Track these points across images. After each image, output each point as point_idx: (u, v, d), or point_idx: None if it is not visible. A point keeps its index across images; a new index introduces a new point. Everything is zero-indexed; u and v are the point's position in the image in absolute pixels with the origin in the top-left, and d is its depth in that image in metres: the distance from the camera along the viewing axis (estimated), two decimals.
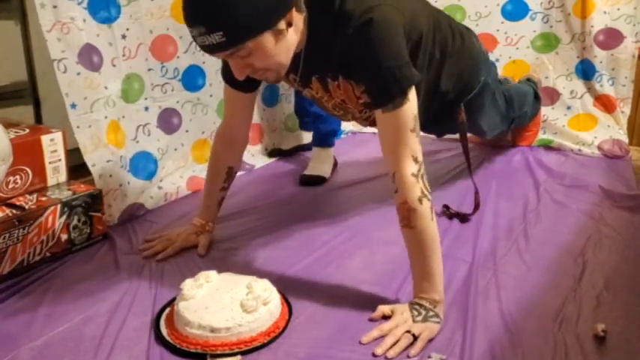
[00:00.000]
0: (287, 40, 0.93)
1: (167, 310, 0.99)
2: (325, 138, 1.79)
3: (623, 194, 1.51)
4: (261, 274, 1.08)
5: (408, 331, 0.91)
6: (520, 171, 1.73)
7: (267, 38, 0.89)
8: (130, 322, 0.98)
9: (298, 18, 0.95)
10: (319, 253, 1.22)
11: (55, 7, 1.21)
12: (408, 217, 0.94)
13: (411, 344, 0.90)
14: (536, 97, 1.86)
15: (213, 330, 0.89)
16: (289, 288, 1.05)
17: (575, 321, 0.96)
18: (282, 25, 0.90)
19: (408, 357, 0.88)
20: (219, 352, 0.88)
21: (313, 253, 1.22)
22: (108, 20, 1.35)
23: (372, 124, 1.26)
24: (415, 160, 0.94)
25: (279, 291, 1.00)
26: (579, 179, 1.64)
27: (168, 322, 0.96)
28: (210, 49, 0.88)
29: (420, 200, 0.93)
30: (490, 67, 1.45)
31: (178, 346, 0.90)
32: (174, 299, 1.00)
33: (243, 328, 0.90)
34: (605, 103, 1.94)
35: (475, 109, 1.39)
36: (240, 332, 0.90)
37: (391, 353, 0.87)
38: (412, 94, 0.95)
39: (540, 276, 1.12)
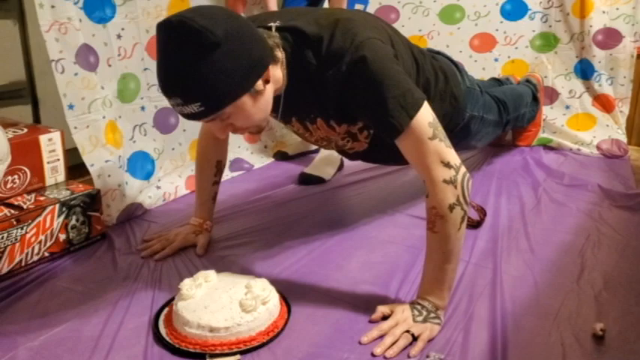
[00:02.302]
0: (265, 97, 0.91)
1: (166, 310, 0.99)
2: None
3: (622, 194, 1.51)
4: (259, 273, 1.08)
5: (407, 331, 0.91)
6: (519, 171, 1.73)
7: (245, 100, 0.87)
8: (129, 322, 0.97)
9: (275, 70, 0.94)
10: (318, 253, 1.22)
11: (52, 7, 1.21)
12: (434, 222, 0.91)
13: (411, 344, 0.90)
14: (535, 99, 1.85)
15: (212, 330, 0.89)
16: (288, 288, 1.05)
17: (574, 320, 0.96)
18: (259, 85, 0.88)
19: (408, 357, 0.87)
20: (218, 351, 0.88)
21: (312, 253, 1.22)
22: (103, 20, 1.35)
23: (354, 158, 1.27)
24: (447, 165, 0.89)
25: (278, 291, 1.00)
26: (578, 179, 1.64)
27: (167, 321, 0.96)
28: (188, 117, 0.88)
29: (451, 208, 0.89)
30: (477, 98, 1.40)
31: (177, 346, 0.90)
32: (172, 299, 1.00)
33: (242, 327, 0.90)
34: (604, 103, 1.95)
35: (461, 137, 1.36)
36: (240, 332, 0.90)
37: (390, 353, 0.87)
38: (422, 107, 0.92)
39: (539, 275, 1.12)
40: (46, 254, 1.19)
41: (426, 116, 0.91)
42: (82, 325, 0.97)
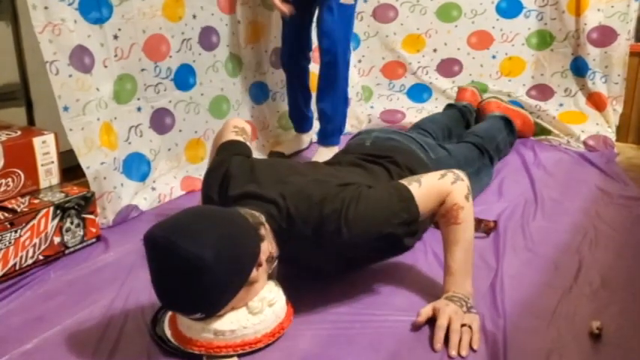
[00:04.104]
0: (259, 280, 0.91)
1: (170, 312, 0.96)
2: (331, 136, 1.78)
3: (619, 192, 1.51)
4: None
5: (463, 324, 0.91)
6: (516, 169, 1.72)
7: (241, 293, 0.88)
8: (125, 324, 0.97)
9: (264, 246, 0.91)
10: None
11: (46, 8, 1.20)
12: (456, 216, 0.99)
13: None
14: (507, 122, 1.80)
15: (216, 333, 0.88)
16: (285, 289, 1.04)
17: (572, 318, 0.96)
18: (253, 275, 0.88)
19: (473, 350, 0.88)
20: (213, 353, 0.87)
21: None
22: (99, 21, 1.34)
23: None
24: (443, 176, 1.02)
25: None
26: (575, 177, 1.64)
27: (172, 323, 0.94)
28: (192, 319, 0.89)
29: (467, 197, 1.01)
30: (448, 162, 1.36)
31: (173, 346, 0.89)
32: None
33: (248, 330, 0.89)
34: (597, 102, 1.95)
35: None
36: (245, 334, 0.89)
37: (464, 353, 0.87)
38: (414, 195, 0.98)
39: (537, 274, 1.12)
40: (41, 257, 1.18)
41: (416, 194, 0.98)
42: (78, 329, 0.96)
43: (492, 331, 0.93)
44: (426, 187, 1.00)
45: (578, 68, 1.97)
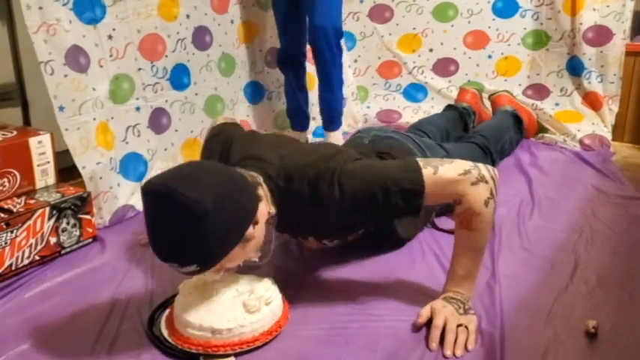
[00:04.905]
0: (255, 238, 0.90)
1: (167, 312, 0.97)
2: (337, 119, 1.82)
3: (615, 191, 1.52)
4: (258, 272, 1.07)
5: (459, 325, 0.91)
6: (512, 169, 1.73)
7: (236, 249, 0.87)
8: (122, 324, 0.97)
9: (262, 206, 0.91)
10: (313, 253, 1.22)
11: (40, 8, 1.20)
12: (469, 221, 0.93)
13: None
14: (517, 120, 1.82)
15: (213, 331, 0.88)
16: (283, 287, 1.04)
17: (568, 317, 0.97)
18: (249, 233, 0.87)
19: (467, 350, 0.88)
20: (210, 352, 0.87)
21: (306, 253, 1.21)
22: (93, 21, 1.33)
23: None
24: (466, 172, 0.92)
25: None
26: (571, 176, 1.64)
27: (169, 322, 0.94)
28: (185, 274, 0.88)
29: (487, 202, 0.92)
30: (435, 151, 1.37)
31: (170, 346, 0.89)
32: (168, 300, 0.99)
33: (246, 328, 0.89)
34: (592, 101, 1.96)
35: None
36: (243, 332, 0.89)
37: (459, 353, 0.87)
38: (423, 174, 0.91)
39: (533, 273, 1.12)
40: (37, 258, 1.18)
41: (427, 172, 0.91)
42: (74, 329, 0.96)
43: (489, 330, 0.93)
44: (440, 178, 0.91)
45: (574, 68, 1.98)
